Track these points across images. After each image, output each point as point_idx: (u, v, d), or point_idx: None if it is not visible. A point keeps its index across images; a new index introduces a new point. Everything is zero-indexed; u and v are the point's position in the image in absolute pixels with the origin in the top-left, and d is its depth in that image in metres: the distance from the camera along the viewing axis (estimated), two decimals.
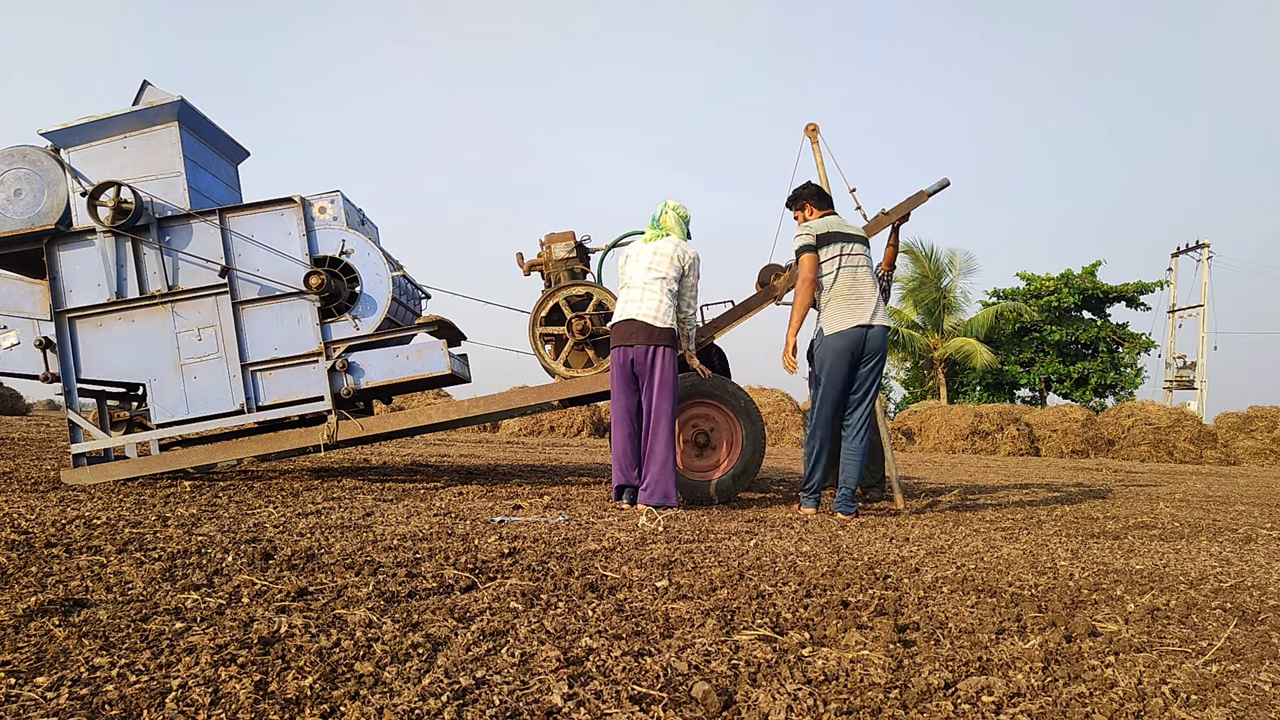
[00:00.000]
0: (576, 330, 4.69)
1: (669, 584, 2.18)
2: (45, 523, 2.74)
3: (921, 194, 4.83)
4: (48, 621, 1.58)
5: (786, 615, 1.90)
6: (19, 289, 4.45)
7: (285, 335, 4.50)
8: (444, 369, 4.53)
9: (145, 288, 4.41)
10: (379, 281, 4.53)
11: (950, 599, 2.17)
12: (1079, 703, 1.42)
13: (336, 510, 3.46)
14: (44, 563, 2.11)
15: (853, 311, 4.01)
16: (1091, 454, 16.85)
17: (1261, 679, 1.60)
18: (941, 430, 17.29)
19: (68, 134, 4.34)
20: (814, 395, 4.26)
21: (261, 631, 1.57)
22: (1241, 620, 2.09)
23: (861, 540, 3.24)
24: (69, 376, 4.39)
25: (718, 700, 1.33)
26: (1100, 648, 1.76)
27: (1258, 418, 17.48)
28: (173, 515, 3.09)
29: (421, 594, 1.97)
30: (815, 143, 4.77)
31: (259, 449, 4.61)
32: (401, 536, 2.77)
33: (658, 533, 3.14)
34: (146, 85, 4.54)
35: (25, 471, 4.70)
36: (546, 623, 1.74)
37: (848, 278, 4.05)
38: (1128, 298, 28.76)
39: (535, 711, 1.26)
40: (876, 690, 1.43)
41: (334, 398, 4.50)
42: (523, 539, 2.82)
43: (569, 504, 4.08)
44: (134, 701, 1.21)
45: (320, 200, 4.55)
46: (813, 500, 4.15)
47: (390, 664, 1.43)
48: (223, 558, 2.26)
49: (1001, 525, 3.93)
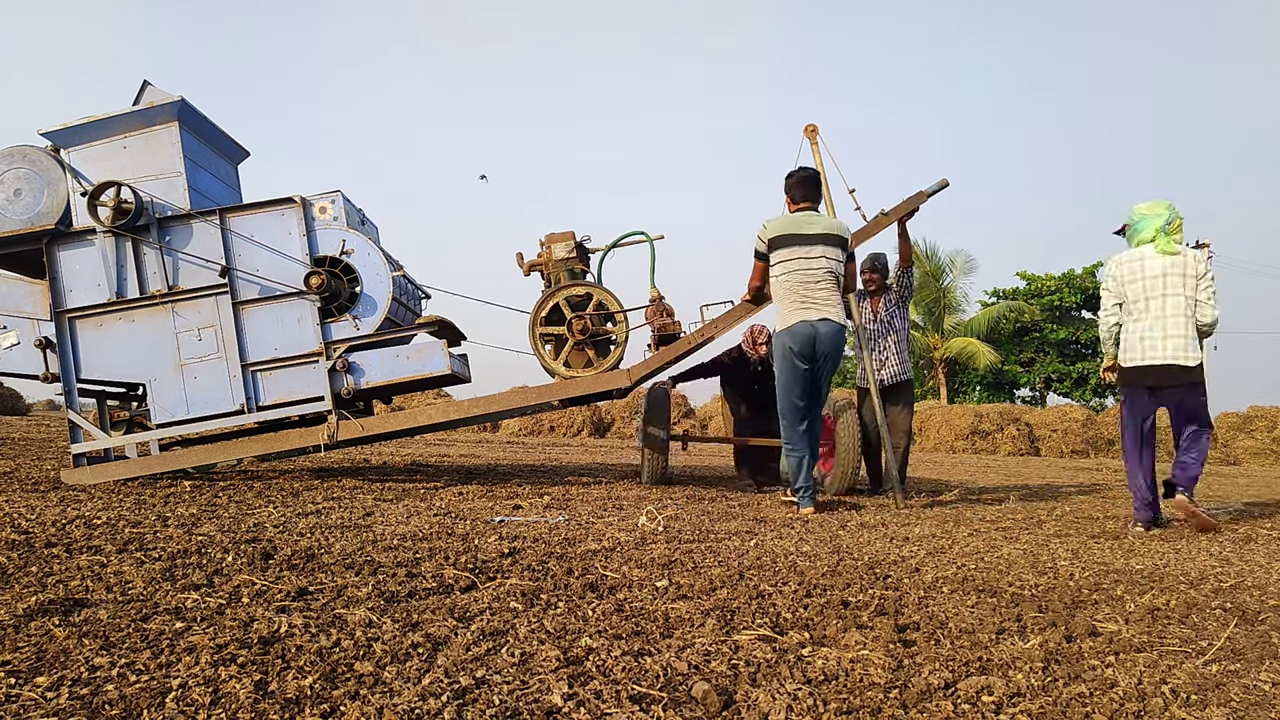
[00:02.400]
0: (576, 330, 4.69)
1: (669, 584, 2.18)
2: (45, 522, 2.74)
3: (921, 194, 4.83)
4: (48, 621, 1.58)
5: (786, 615, 1.90)
6: (19, 289, 4.45)
7: (285, 335, 4.50)
8: (444, 369, 4.53)
9: (145, 288, 4.41)
10: (379, 281, 4.53)
11: (950, 599, 2.17)
12: (1079, 703, 1.42)
13: (336, 510, 3.46)
14: (44, 562, 2.11)
15: (801, 310, 4.04)
16: (1092, 454, 16.84)
17: (1261, 679, 1.60)
18: (942, 430, 17.30)
19: (68, 134, 4.34)
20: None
21: (261, 631, 1.57)
22: (1241, 620, 2.09)
23: (861, 540, 3.24)
24: (69, 376, 4.39)
25: (718, 700, 1.33)
26: (1100, 648, 1.76)
27: (1258, 418, 17.49)
28: (173, 515, 3.09)
29: (421, 594, 1.97)
30: (815, 144, 4.77)
31: (259, 449, 4.61)
32: (401, 536, 2.77)
33: (658, 533, 3.15)
34: (147, 85, 4.54)
35: (25, 471, 4.69)
36: (546, 622, 1.74)
37: (800, 279, 4.06)
38: None
39: (535, 711, 1.26)
40: (876, 690, 1.43)
41: (334, 398, 4.50)
42: (523, 539, 2.82)
43: (569, 504, 4.08)
44: (134, 701, 1.21)
45: (320, 200, 4.55)
46: (809, 499, 4.15)
47: (390, 664, 1.43)
48: (223, 558, 2.26)
49: (1001, 525, 3.93)
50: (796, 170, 4.32)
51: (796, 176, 4.29)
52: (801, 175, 4.29)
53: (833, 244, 4.12)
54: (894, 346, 5.34)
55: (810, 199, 4.26)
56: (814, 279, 4.04)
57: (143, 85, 4.54)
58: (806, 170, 4.32)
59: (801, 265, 4.06)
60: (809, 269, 4.05)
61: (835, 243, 4.13)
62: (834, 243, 4.12)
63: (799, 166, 4.35)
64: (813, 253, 4.06)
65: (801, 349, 4.02)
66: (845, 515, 4.14)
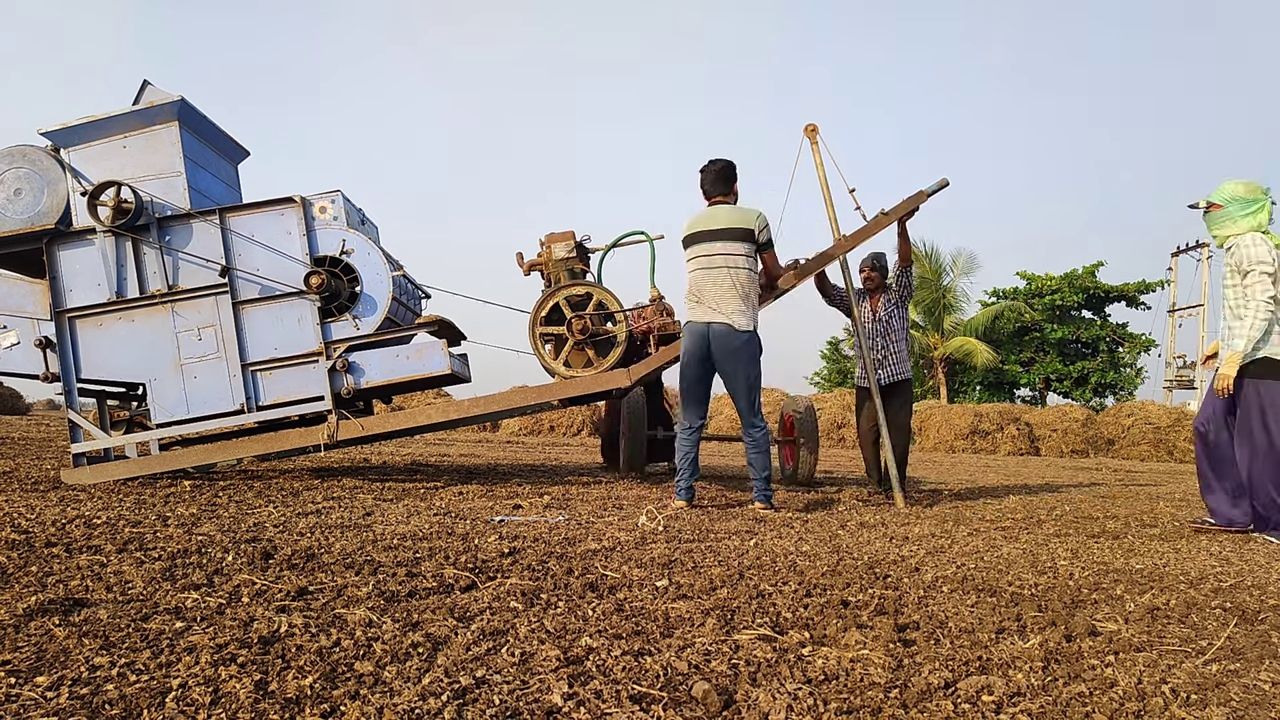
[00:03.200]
0: (576, 330, 4.69)
1: (669, 583, 2.18)
2: (45, 522, 2.74)
3: (921, 194, 4.83)
4: (48, 621, 1.58)
5: (786, 615, 1.90)
6: (19, 289, 4.45)
7: (285, 335, 4.50)
8: (444, 369, 4.53)
9: (145, 287, 4.41)
10: (379, 281, 4.53)
11: (950, 598, 2.17)
12: (1079, 702, 1.42)
13: (336, 510, 3.46)
14: (44, 562, 2.11)
15: (695, 309, 4.06)
16: (1091, 454, 16.85)
17: (1261, 679, 1.60)
18: (941, 430, 17.30)
19: (68, 134, 4.34)
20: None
21: (261, 631, 1.57)
22: (1241, 620, 2.09)
23: (861, 540, 3.24)
24: (69, 376, 4.39)
25: (718, 700, 1.33)
26: (1100, 647, 1.76)
27: None
28: (173, 515, 3.09)
29: (421, 593, 1.97)
30: (815, 144, 4.77)
31: (259, 449, 4.61)
32: (401, 536, 2.77)
33: (658, 532, 3.15)
34: (147, 85, 4.54)
35: (25, 471, 4.70)
36: (546, 622, 1.74)
37: (697, 279, 4.06)
38: (1128, 297, 28.78)
39: (535, 711, 1.26)
40: (876, 690, 1.43)
41: (334, 397, 4.50)
42: (523, 538, 2.82)
43: (569, 504, 4.08)
44: (134, 701, 1.21)
45: (320, 200, 4.55)
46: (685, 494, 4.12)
47: (390, 663, 1.43)
48: (223, 557, 2.26)
49: (1001, 525, 3.93)
50: (706, 163, 4.20)
51: (705, 170, 4.18)
52: (709, 168, 4.18)
53: (734, 238, 4.03)
54: (892, 346, 5.34)
55: (719, 192, 4.17)
56: (710, 279, 4.02)
57: (143, 85, 4.54)
58: (716, 162, 4.19)
59: (701, 264, 4.07)
60: (706, 268, 4.04)
61: (737, 236, 4.03)
62: (736, 236, 4.03)
63: (709, 159, 4.21)
64: (711, 250, 4.04)
65: (691, 348, 4.05)
66: (845, 515, 4.14)
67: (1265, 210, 3.62)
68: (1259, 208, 3.61)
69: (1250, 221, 3.62)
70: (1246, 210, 3.63)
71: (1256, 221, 3.61)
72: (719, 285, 4.00)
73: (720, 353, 4.00)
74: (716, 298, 4.00)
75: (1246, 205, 3.62)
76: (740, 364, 4.01)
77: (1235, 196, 3.65)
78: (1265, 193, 3.63)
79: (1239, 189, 3.65)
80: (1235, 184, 3.66)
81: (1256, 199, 3.61)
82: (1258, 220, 3.61)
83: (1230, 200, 3.65)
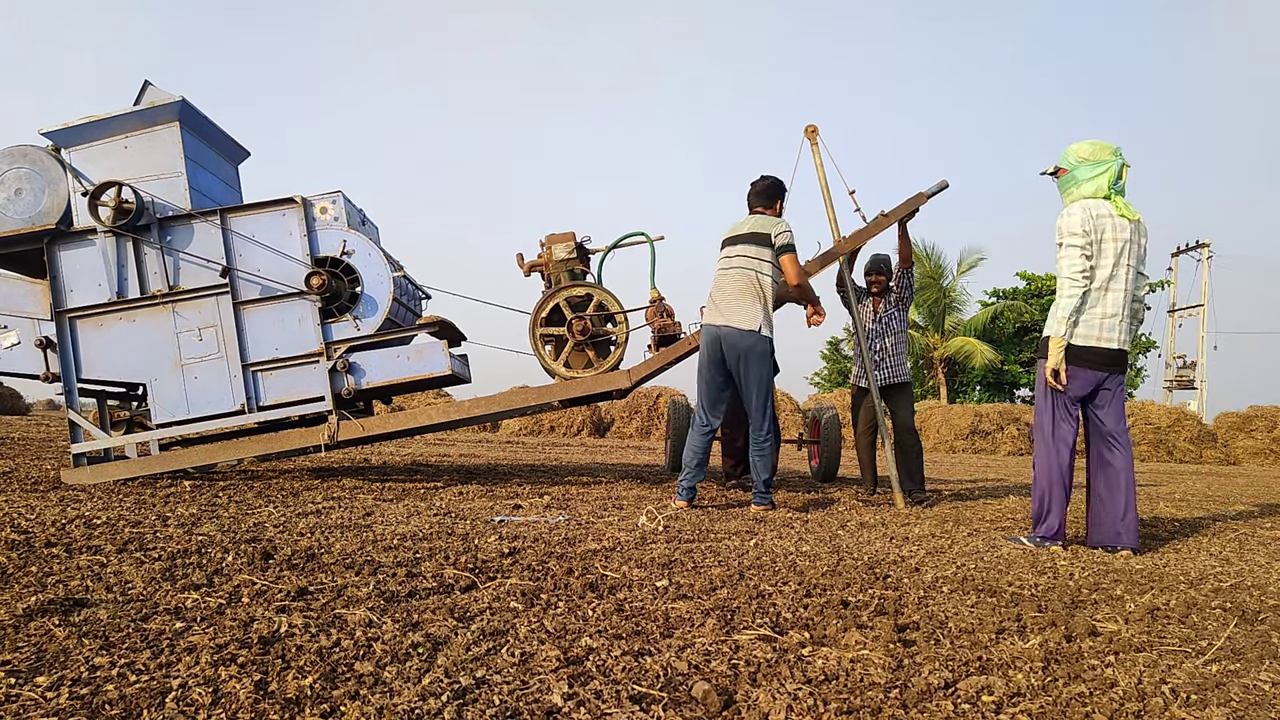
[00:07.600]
0: (576, 331, 4.69)
1: (669, 584, 2.18)
2: (45, 522, 2.74)
3: (920, 195, 4.83)
4: (48, 621, 1.58)
5: (786, 615, 1.90)
6: (19, 289, 4.45)
7: (286, 335, 4.50)
8: (444, 369, 4.54)
9: (146, 287, 4.41)
10: (380, 282, 4.53)
11: (950, 599, 2.17)
12: (1079, 702, 1.42)
13: (336, 510, 3.46)
14: (44, 562, 2.11)
15: (711, 313, 4.12)
16: None
17: (1261, 679, 1.60)
18: (942, 430, 17.30)
19: (68, 134, 4.34)
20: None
21: (261, 631, 1.57)
22: (1241, 620, 2.09)
23: (861, 540, 3.24)
24: (69, 376, 4.40)
25: (718, 700, 1.33)
26: (1100, 647, 1.76)
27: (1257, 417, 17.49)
28: (173, 515, 3.10)
29: (421, 594, 1.97)
30: (815, 144, 4.77)
31: (259, 449, 4.61)
32: (401, 536, 2.77)
33: (658, 533, 3.15)
34: (148, 85, 4.54)
35: (25, 471, 4.70)
36: (546, 622, 1.74)
37: (717, 283, 4.15)
38: None
39: (535, 711, 1.26)
40: (876, 690, 1.43)
41: (335, 398, 4.50)
42: (523, 539, 2.82)
43: (569, 504, 4.08)
44: (134, 701, 1.21)
45: (321, 200, 4.55)
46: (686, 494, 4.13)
47: (390, 664, 1.43)
48: (223, 557, 2.26)
49: (1001, 525, 3.93)
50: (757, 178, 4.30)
51: (753, 184, 4.31)
52: (757, 183, 4.29)
53: (753, 242, 4.08)
54: (891, 347, 5.35)
55: (760, 205, 4.27)
56: (727, 281, 4.09)
57: (144, 85, 4.54)
58: (765, 179, 4.28)
59: (721, 267, 4.17)
60: (724, 271, 4.13)
61: (756, 240, 4.09)
62: (755, 240, 4.09)
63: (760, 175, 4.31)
64: (731, 253, 4.13)
65: (705, 350, 4.12)
66: (845, 515, 4.14)
67: (1109, 172, 3.24)
68: (1103, 170, 3.24)
69: (1090, 186, 3.25)
70: (1092, 173, 3.26)
71: (1095, 186, 3.24)
72: (731, 287, 4.07)
73: (730, 353, 4.05)
74: (726, 299, 4.07)
75: (1094, 168, 3.25)
76: (749, 363, 4.04)
77: (1081, 159, 3.28)
78: (1115, 153, 3.26)
79: (1084, 149, 3.29)
80: (1081, 145, 3.30)
81: (1103, 161, 3.24)
82: (1096, 185, 3.24)
83: (1078, 164, 3.29)
